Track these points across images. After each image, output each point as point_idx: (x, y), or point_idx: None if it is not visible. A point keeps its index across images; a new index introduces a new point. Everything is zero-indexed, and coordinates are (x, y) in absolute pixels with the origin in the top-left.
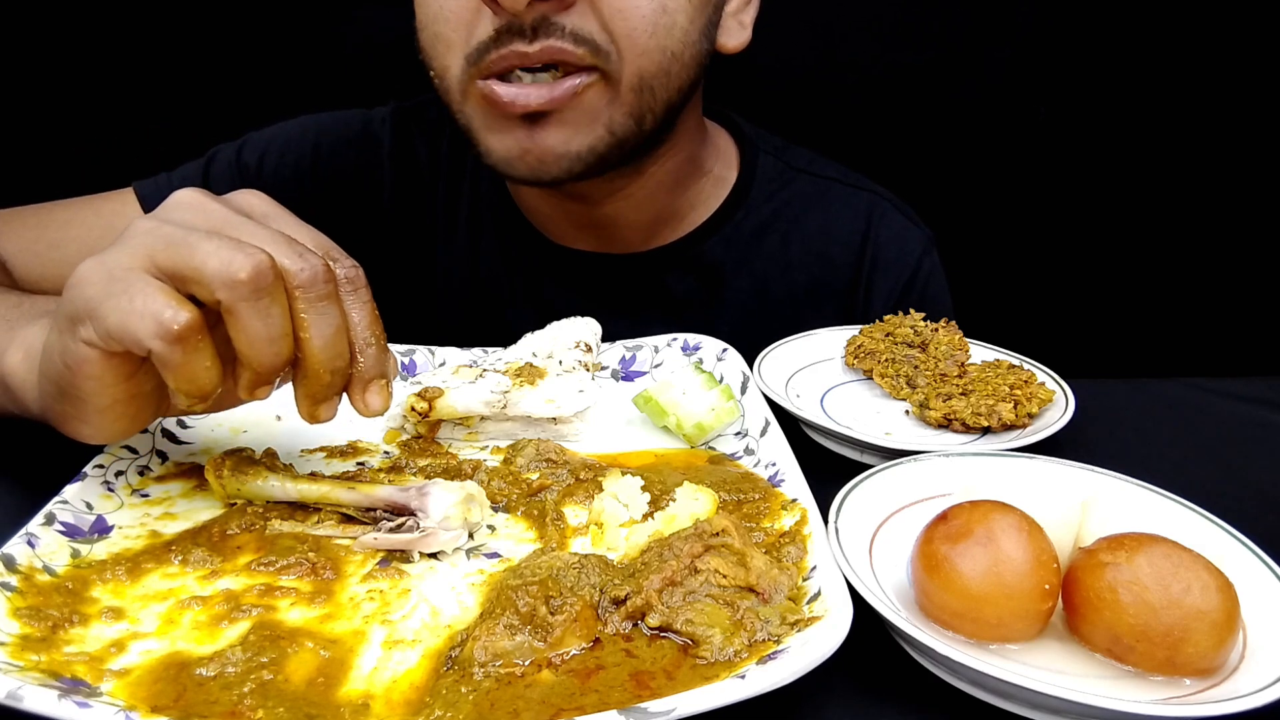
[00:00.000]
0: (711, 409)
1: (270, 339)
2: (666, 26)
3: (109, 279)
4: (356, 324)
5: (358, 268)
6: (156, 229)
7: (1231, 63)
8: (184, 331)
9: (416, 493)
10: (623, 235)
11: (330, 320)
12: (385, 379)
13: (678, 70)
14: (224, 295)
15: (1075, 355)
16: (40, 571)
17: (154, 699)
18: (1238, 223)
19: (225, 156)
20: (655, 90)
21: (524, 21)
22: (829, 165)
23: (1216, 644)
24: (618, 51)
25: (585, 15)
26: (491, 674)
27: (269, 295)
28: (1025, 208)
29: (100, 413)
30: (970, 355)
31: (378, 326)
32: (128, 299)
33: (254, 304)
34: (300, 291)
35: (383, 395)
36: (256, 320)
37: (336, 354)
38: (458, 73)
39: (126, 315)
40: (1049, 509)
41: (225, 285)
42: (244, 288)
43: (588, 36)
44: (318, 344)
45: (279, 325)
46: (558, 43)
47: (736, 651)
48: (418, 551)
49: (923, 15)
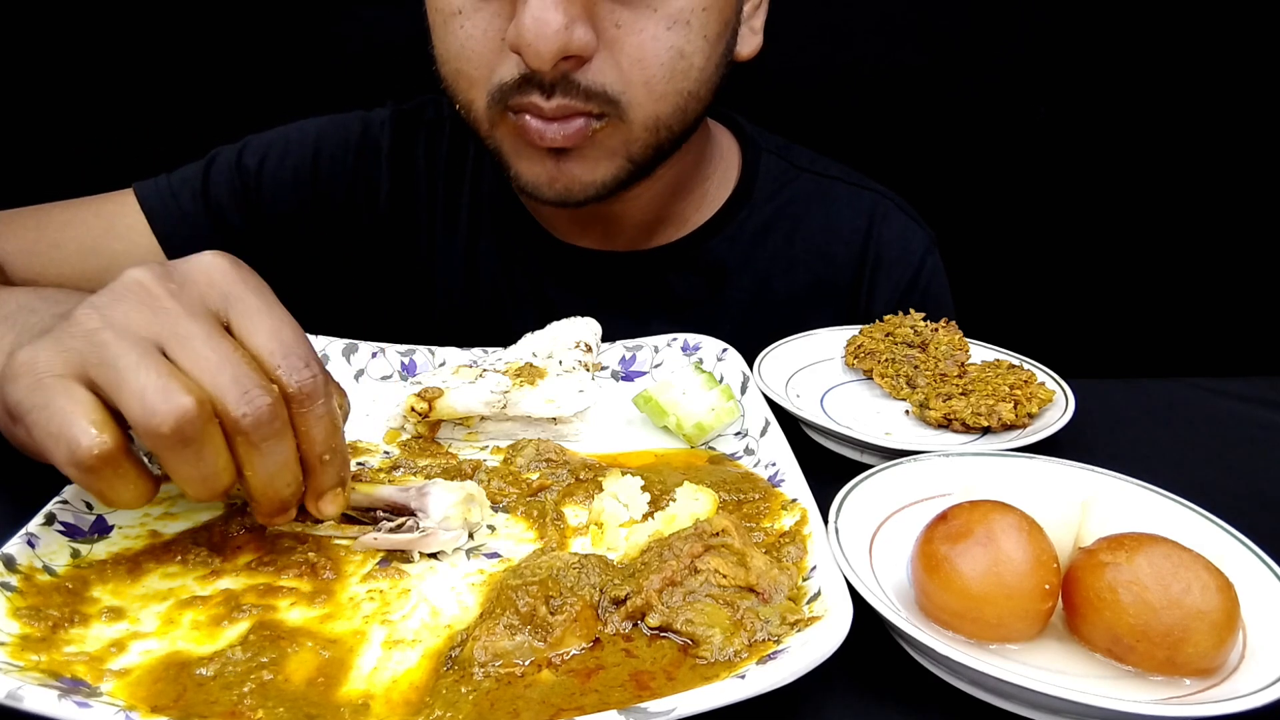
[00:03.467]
0: (711, 409)
1: (203, 479)
2: (684, 70)
3: (36, 386)
4: (313, 440)
5: (317, 376)
6: (94, 334)
7: (1231, 63)
8: (99, 461)
9: (416, 493)
10: (626, 234)
11: (275, 458)
12: (342, 486)
13: (694, 106)
14: (146, 441)
15: (1075, 355)
16: (40, 571)
17: (154, 699)
18: (1238, 223)
19: (225, 159)
20: (672, 127)
21: (544, 77)
22: (831, 164)
23: (1216, 644)
24: (632, 98)
25: (604, 68)
26: (491, 674)
27: (196, 443)
28: (1025, 207)
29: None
30: (970, 355)
31: (336, 437)
32: (47, 415)
33: (179, 452)
34: (242, 436)
35: (337, 503)
36: (184, 465)
37: (284, 484)
38: (483, 106)
39: (44, 436)
40: (1049, 509)
41: (147, 434)
42: (165, 440)
43: (600, 90)
44: (262, 479)
45: (211, 466)
46: (572, 101)
47: (736, 651)
48: (418, 551)
49: (924, 16)
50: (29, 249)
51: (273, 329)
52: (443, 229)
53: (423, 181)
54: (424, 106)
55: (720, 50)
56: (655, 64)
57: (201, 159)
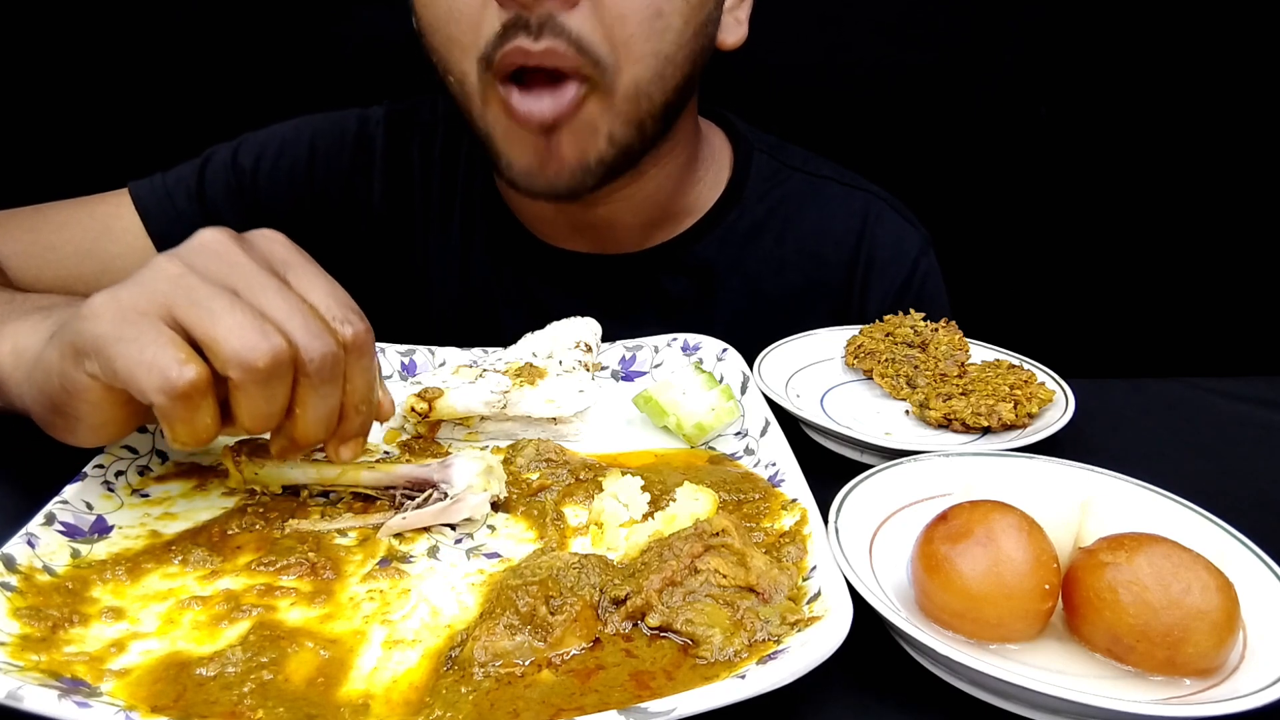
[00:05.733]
0: (711, 409)
1: (268, 415)
2: (660, 30)
3: (121, 320)
4: (353, 390)
5: (369, 331)
6: (180, 278)
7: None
8: (189, 390)
9: (439, 466)
10: (618, 237)
11: (328, 403)
12: (364, 436)
13: (671, 72)
14: (236, 375)
15: (1075, 355)
16: (40, 571)
17: (154, 699)
18: (1238, 223)
19: (221, 158)
20: (652, 95)
21: (530, 16)
22: (825, 164)
23: (1216, 644)
24: (615, 60)
25: (588, 17)
26: (491, 674)
27: (279, 380)
28: (1026, 207)
29: (91, 429)
30: (970, 355)
31: (372, 390)
32: (138, 347)
33: (263, 387)
34: (307, 377)
35: (355, 449)
36: (260, 401)
37: (325, 428)
38: (475, 79)
39: (134, 364)
40: (1049, 509)
41: (240, 368)
42: (259, 374)
43: (589, 44)
44: (309, 421)
45: (280, 404)
46: (560, 45)
47: (736, 651)
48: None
49: (924, 15)
50: (25, 250)
51: (328, 289)
52: (436, 229)
53: (417, 182)
54: (419, 107)
55: (700, 19)
56: (634, 20)
57: (197, 158)
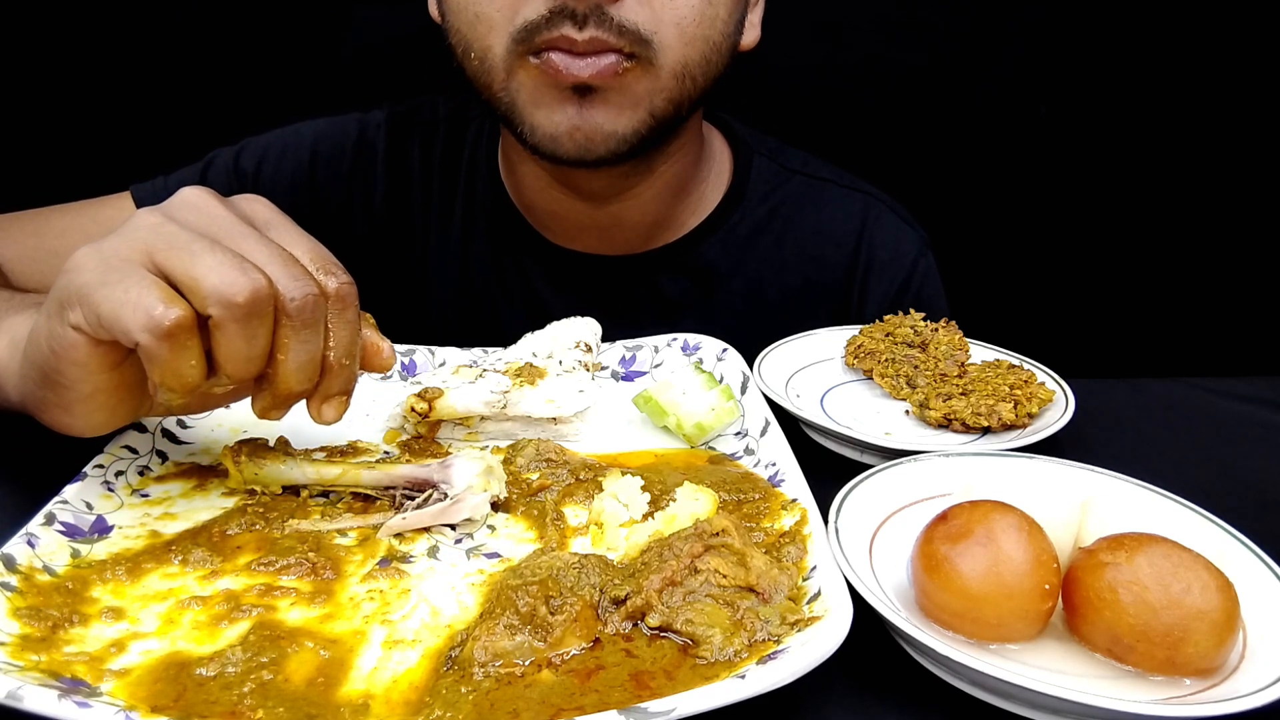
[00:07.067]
0: (711, 409)
1: (249, 358)
2: (711, 17)
3: (104, 267)
4: (337, 343)
5: (352, 285)
6: (160, 225)
7: (1232, 63)
8: (174, 328)
9: (439, 466)
10: (623, 237)
11: (310, 348)
12: (347, 394)
13: (716, 60)
14: (216, 312)
15: (1075, 355)
16: (40, 571)
17: (154, 699)
18: (1238, 222)
19: (223, 161)
20: (696, 78)
21: (579, 7)
22: (824, 166)
23: (1216, 644)
24: (663, 39)
25: (637, 5)
26: (491, 674)
27: (259, 318)
28: (1026, 207)
29: (82, 401)
30: (970, 355)
31: (355, 346)
32: (121, 289)
33: (243, 325)
34: (288, 318)
35: (339, 409)
36: (241, 340)
37: (307, 378)
38: (502, 52)
39: (119, 305)
40: (1049, 509)
41: (220, 304)
42: (239, 310)
43: (633, 27)
44: (291, 368)
45: (260, 346)
46: (605, 35)
47: (736, 651)
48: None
49: (924, 16)
50: (28, 255)
51: (310, 245)
52: (437, 231)
53: (418, 184)
54: (419, 108)
55: (739, 15)
56: (686, 5)
57: (199, 161)
